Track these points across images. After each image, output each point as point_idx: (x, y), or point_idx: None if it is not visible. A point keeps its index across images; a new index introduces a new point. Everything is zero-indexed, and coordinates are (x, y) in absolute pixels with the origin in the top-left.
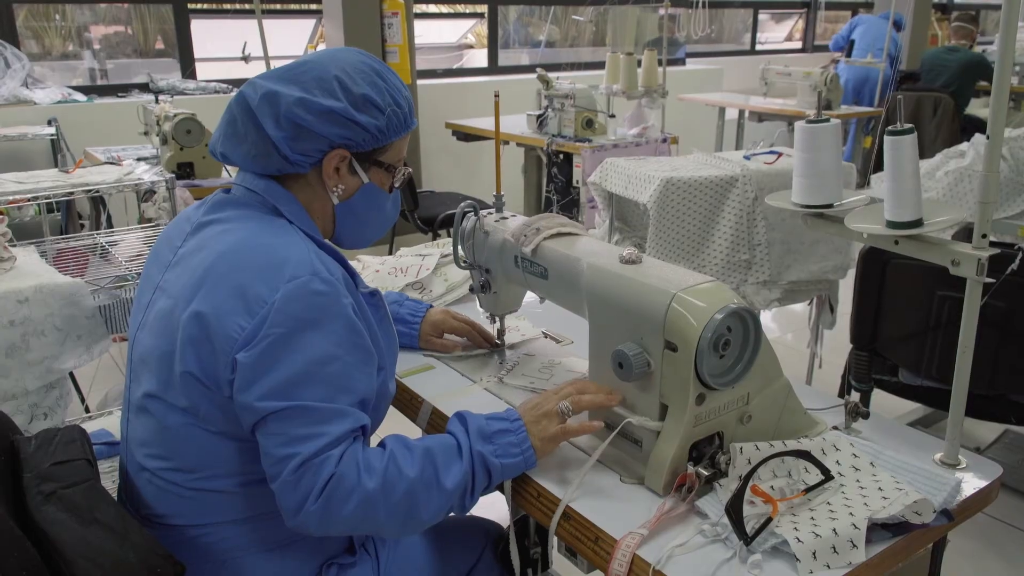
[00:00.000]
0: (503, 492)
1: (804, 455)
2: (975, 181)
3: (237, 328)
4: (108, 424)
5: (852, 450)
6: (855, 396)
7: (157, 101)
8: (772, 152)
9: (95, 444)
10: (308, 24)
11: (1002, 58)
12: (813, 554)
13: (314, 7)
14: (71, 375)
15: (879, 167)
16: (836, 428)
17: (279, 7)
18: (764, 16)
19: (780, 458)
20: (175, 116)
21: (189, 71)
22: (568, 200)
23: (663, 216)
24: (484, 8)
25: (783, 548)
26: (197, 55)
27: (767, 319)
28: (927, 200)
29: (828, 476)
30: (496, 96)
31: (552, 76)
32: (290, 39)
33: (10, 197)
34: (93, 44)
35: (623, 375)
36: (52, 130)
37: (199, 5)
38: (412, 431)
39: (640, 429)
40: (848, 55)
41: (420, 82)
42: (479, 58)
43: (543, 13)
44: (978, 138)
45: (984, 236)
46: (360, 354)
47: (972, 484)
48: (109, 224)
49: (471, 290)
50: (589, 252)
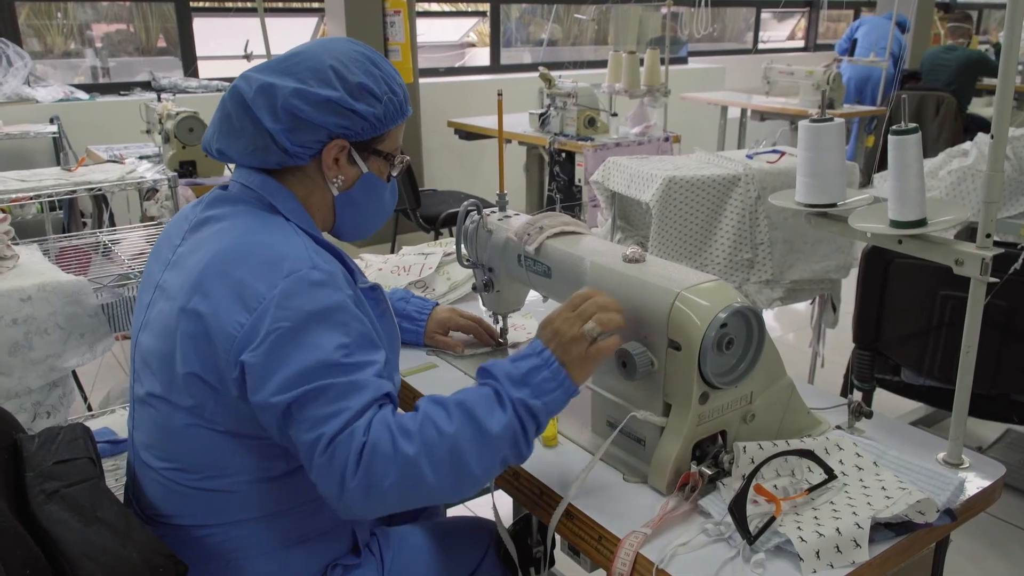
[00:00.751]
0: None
1: (807, 454)
2: (978, 180)
3: (236, 325)
4: (111, 422)
5: (855, 449)
6: (857, 395)
7: (159, 99)
8: (775, 151)
9: (98, 442)
10: (310, 22)
11: (1006, 58)
12: (816, 553)
13: (316, 5)
14: (74, 373)
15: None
16: (839, 427)
17: (281, 5)
18: (766, 15)
19: (783, 457)
20: (177, 114)
21: (191, 69)
22: (570, 199)
23: (666, 215)
24: (486, 6)
25: (786, 547)
26: (199, 53)
27: (769, 318)
28: (930, 199)
29: (831, 475)
30: (499, 95)
31: (554, 75)
32: (292, 37)
33: (12, 195)
34: (95, 42)
35: (627, 374)
36: (54, 128)
37: (201, 3)
38: None
39: (643, 427)
40: (851, 54)
41: (422, 80)
42: (481, 56)
43: (545, 12)
44: (981, 137)
45: (988, 236)
46: (366, 340)
47: (975, 484)
48: (111, 222)
49: (474, 289)
50: (592, 251)
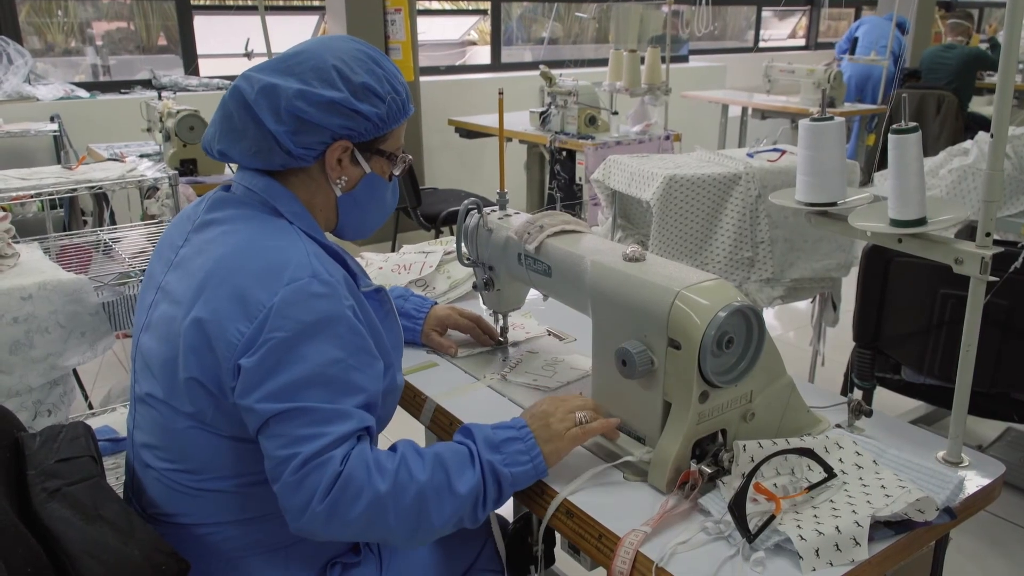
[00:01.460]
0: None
1: (807, 453)
2: (979, 179)
3: (237, 333)
4: (112, 420)
5: (855, 448)
6: (857, 394)
7: (160, 97)
8: (775, 150)
9: (99, 440)
10: (311, 20)
11: (1006, 56)
12: (816, 551)
13: (317, 3)
14: (75, 372)
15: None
16: (839, 426)
17: (282, 3)
18: (767, 13)
19: (783, 456)
20: (178, 112)
21: (192, 67)
22: (571, 197)
23: (666, 213)
24: (487, 5)
25: (786, 546)
26: (200, 51)
27: (770, 317)
28: (930, 198)
29: (831, 474)
30: (500, 93)
31: (555, 73)
32: (293, 35)
33: (13, 193)
34: (96, 40)
35: (626, 373)
36: (55, 126)
37: (202, 1)
38: (416, 428)
39: (644, 426)
40: (851, 53)
41: (423, 79)
42: (482, 55)
43: (546, 10)
44: (982, 136)
45: (988, 234)
46: (363, 356)
47: (975, 482)
48: (112, 221)
49: (474, 287)
50: (592, 250)
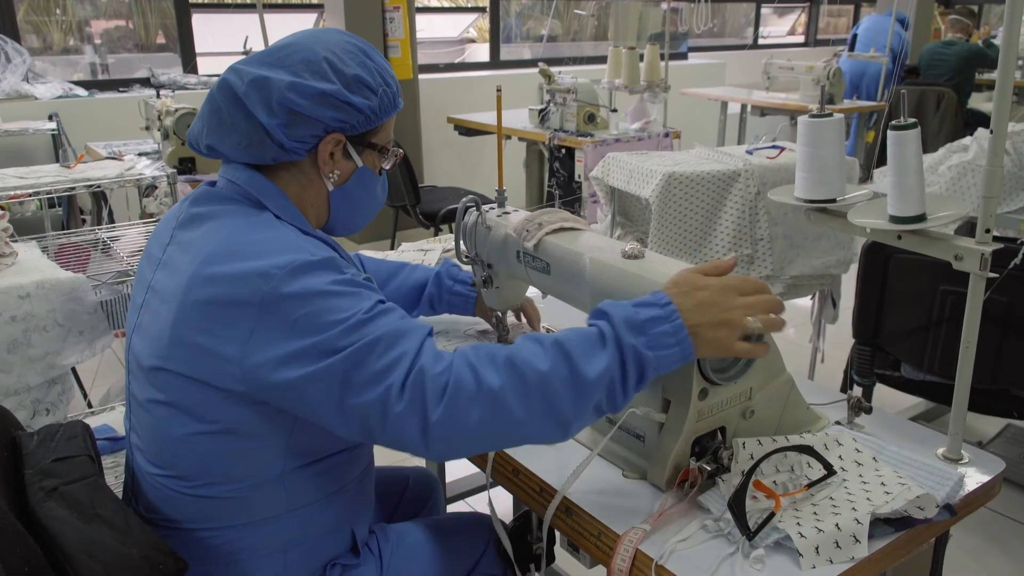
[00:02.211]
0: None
1: (807, 450)
2: (978, 175)
3: (244, 327)
4: (111, 419)
5: (855, 445)
6: (857, 391)
7: (158, 96)
8: (774, 147)
9: (98, 440)
10: (309, 18)
11: (1006, 52)
12: (816, 549)
13: (315, 1)
14: (73, 370)
15: (882, 161)
16: (839, 423)
17: (280, 1)
18: (766, 10)
19: (783, 453)
20: (176, 111)
21: (190, 66)
22: (570, 195)
23: (665, 211)
24: (486, 2)
25: (785, 543)
26: (198, 49)
27: None
28: (930, 195)
29: (831, 471)
30: (498, 91)
31: (554, 70)
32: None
33: (11, 192)
34: (94, 39)
35: None
36: (53, 125)
37: None
38: None
39: (643, 424)
40: (851, 49)
41: (422, 76)
42: (481, 52)
43: (545, 7)
44: (981, 132)
45: (987, 231)
46: (379, 294)
47: (975, 479)
48: (111, 219)
49: (473, 285)
50: (591, 247)
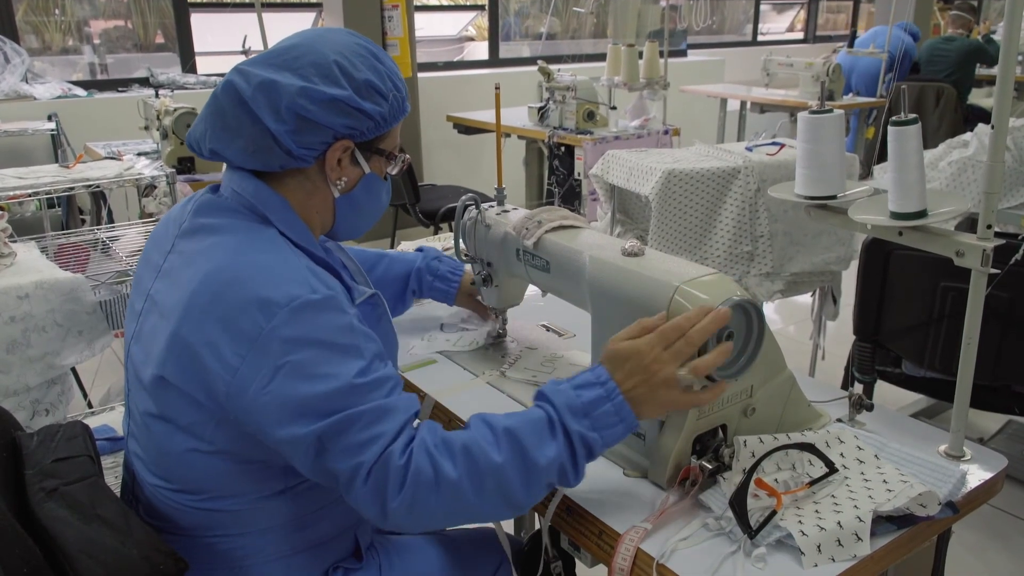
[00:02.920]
0: None
1: (808, 448)
2: (978, 171)
3: (236, 357)
4: (111, 420)
5: (856, 442)
6: (858, 388)
7: (157, 95)
8: (774, 143)
9: (97, 440)
10: (308, 17)
11: (1007, 48)
12: (817, 547)
13: (314, 0)
14: (73, 371)
15: (882, 158)
16: (840, 420)
17: (279, 0)
18: (766, 7)
19: (784, 451)
20: (175, 110)
21: (189, 65)
22: (570, 193)
23: (665, 208)
24: (485, 0)
25: (787, 541)
26: (197, 49)
27: (770, 311)
28: (930, 191)
29: (832, 469)
30: (497, 88)
31: (553, 68)
32: (290, 32)
33: (10, 192)
34: (93, 39)
35: None
36: (52, 125)
37: None
38: None
39: (643, 422)
40: (850, 46)
41: (421, 75)
42: (480, 51)
43: (544, 5)
44: (981, 128)
45: (989, 227)
46: (379, 354)
47: (977, 476)
48: (110, 219)
49: (472, 284)
50: (591, 245)
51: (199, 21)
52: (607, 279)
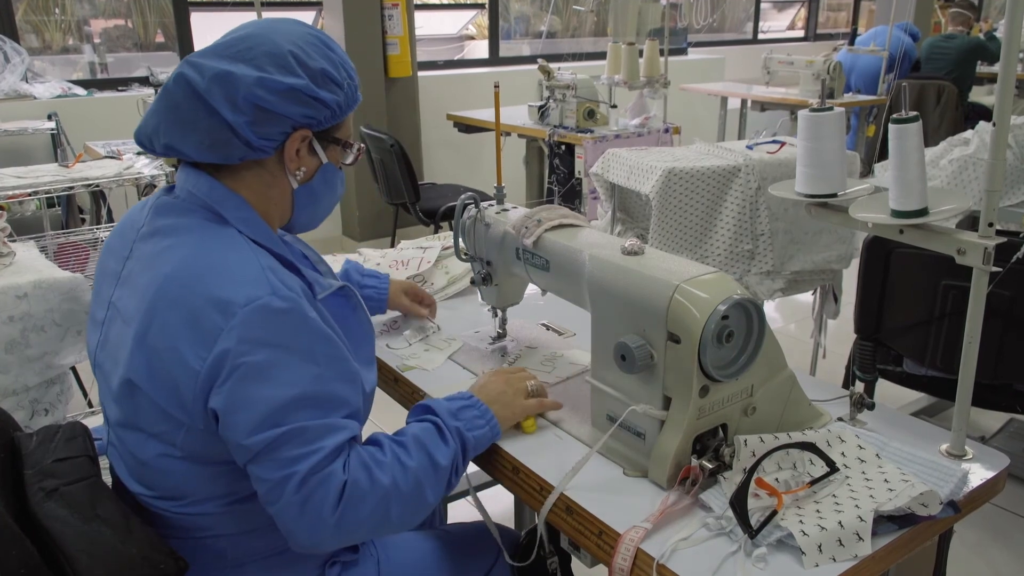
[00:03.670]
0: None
1: (809, 447)
2: (979, 169)
3: (196, 360)
4: None
5: (857, 442)
6: (859, 386)
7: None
8: (775, 141)
9: (97, 440)
10: (308, 16)
11: (1008, 45)
12: (819, 547)
13: None
14: (73, 370)
15: (883, 156)
16: (841, 419)
17: (278, 0)
18: (766, 5)
19: (785, 450)
20: None
21: None
22: (570, 191)
23: (665, 207)
24: None
25: (788, 541)
26: (197, 48)
27: (770, 309)
28: (931, 188)
29: (833, 468)
30: (496, 87)
31: (553, 67)
32: None
33: (10, 192)
34: (93, 38)
35: (626, 367)
36: (52, 124)
37: None
38: None
39: (644, 421)
40: (850, 44)
41: (421, 74)
42: (480, 49)
43: (544, 3)
44: (983, 126)
45: (990, 224)
46: (339, 365)
47: (979, 475)
48: (110, 218)
49: (472, 283)
50: (591, 244)
51: (199, 20)
52: (607, 278)
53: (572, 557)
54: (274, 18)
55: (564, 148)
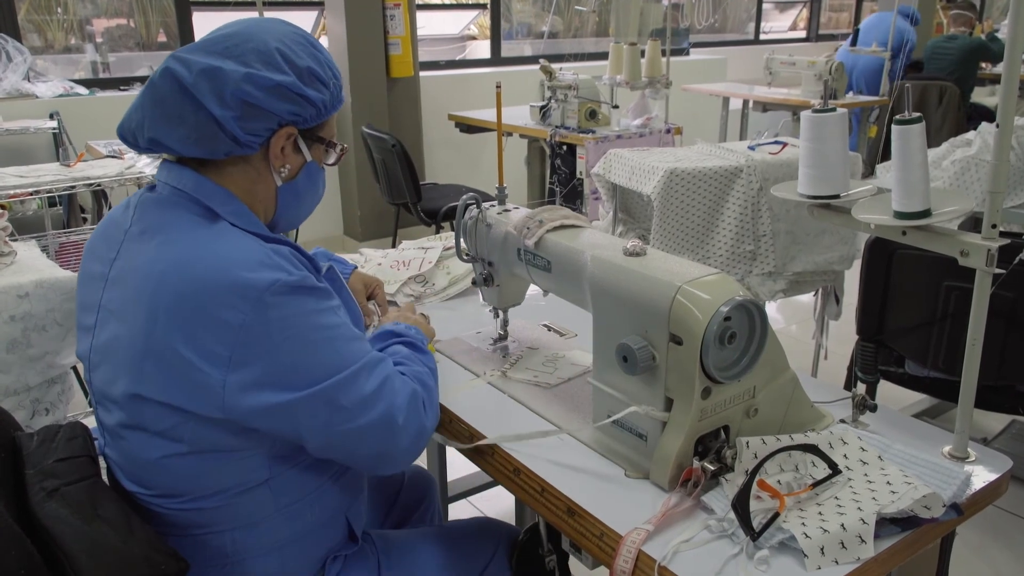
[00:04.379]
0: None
1: (811, 449)
2: (982, 170)
3: (223, 348)
4: None
5: (860, 444)
6: (861, 388)
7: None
8: (777, 142)
9: (97, 440)
10: (309, 16)
11: (1011, 46)
12: (821, 549)
13: None
14: (74, 370)
15: (885, 156)
16: (843, 421)
17: (280, 0)
18: (768, 5)
19: (787, 452)
20: None
21: None
22: (571, 192)
23: (667, 207)
24: None
25: (790, 543)
26: None
27: (772, 310)
28: (934, 190)
29: (836, 470)
30: (498, 87)
31: (555, 67)
32: None
33: (11, 191)
34: (95, 37)
35: (628, 369)
36: (54, 124)
37: None
38: None
39: (645, 423)
40: (852, 44)
41: (423, 74)
42: (482, 49)
43: (546, 3)
44: (985, 126)
45: (994, 226)
46: (352, 323)
47: (982, 477)
48: None
49: (474, 283)
50: (593, 244)
51: (201, 20)
52: (609, 279)
53: (570, 556)
54: (260, 17)
55: (566, 148)
